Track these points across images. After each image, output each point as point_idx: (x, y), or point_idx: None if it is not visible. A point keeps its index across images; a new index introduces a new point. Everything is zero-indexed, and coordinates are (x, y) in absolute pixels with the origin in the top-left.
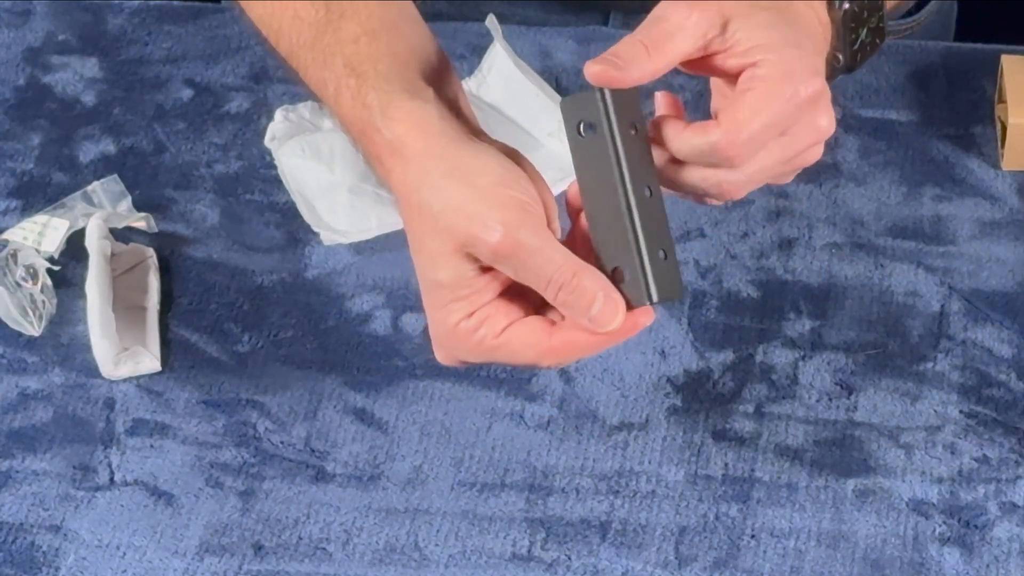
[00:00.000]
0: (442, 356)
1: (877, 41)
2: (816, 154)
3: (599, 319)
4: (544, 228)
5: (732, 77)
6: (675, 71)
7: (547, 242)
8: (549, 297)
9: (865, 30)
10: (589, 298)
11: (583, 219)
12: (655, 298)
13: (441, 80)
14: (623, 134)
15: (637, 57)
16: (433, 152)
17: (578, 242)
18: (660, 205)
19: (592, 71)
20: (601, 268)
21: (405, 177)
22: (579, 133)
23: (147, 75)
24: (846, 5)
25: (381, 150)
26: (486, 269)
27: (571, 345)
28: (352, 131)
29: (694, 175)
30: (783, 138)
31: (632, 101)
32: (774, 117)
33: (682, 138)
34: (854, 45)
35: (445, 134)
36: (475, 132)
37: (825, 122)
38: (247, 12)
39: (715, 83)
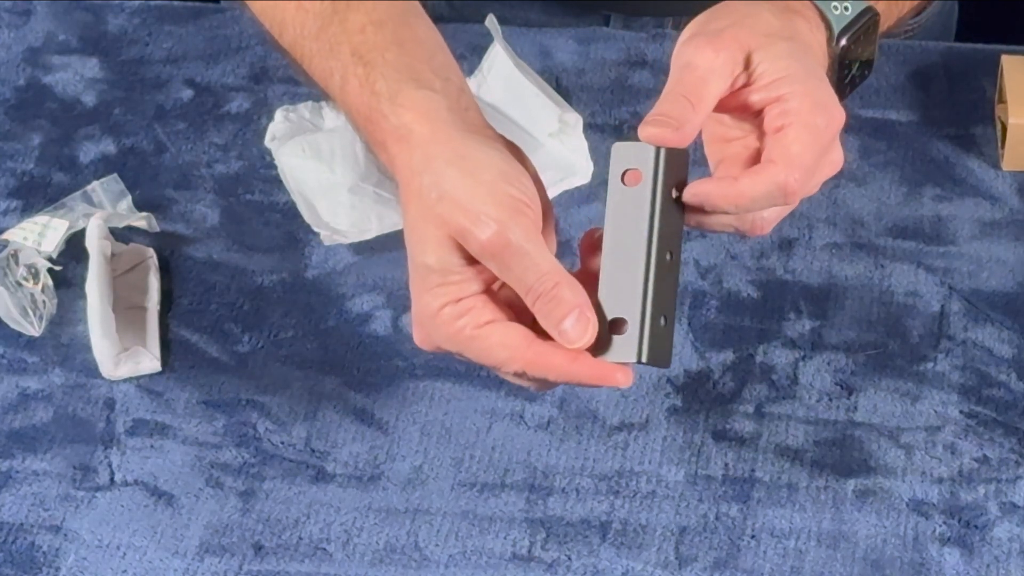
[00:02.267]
0: (419, 337)
1: (866, 73)
2: (817, 187)
3: (568, 333)
4: (536, 232)
5: (754, 114)
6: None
7: (536, 247)
8: (528, 302)
9: (857, 64)
10: (564, 311)
11: (592, 263)
12: (644, 359)
13: (447, 72)
14: (665, 194)
15: (686, 113)
16: (439, 139)
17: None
18: (676, 272)
19: (649, 133)
20: (601, 312)
21: (410, 161)
22: (622, 181)
23: (147, 75)
24: (843, 41)
25: (387, 136)
26: (474, 261)
27: (545, 362)
28: (358, 118)
29: (727, 219)
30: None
31: (682, 163)
32: (820, 148)
33: (745, 186)
34: (845, 79)
35: (452, 124)
36: (481, 125)
37: (839, 156)
38: (249, 5)
39: (708, 132)
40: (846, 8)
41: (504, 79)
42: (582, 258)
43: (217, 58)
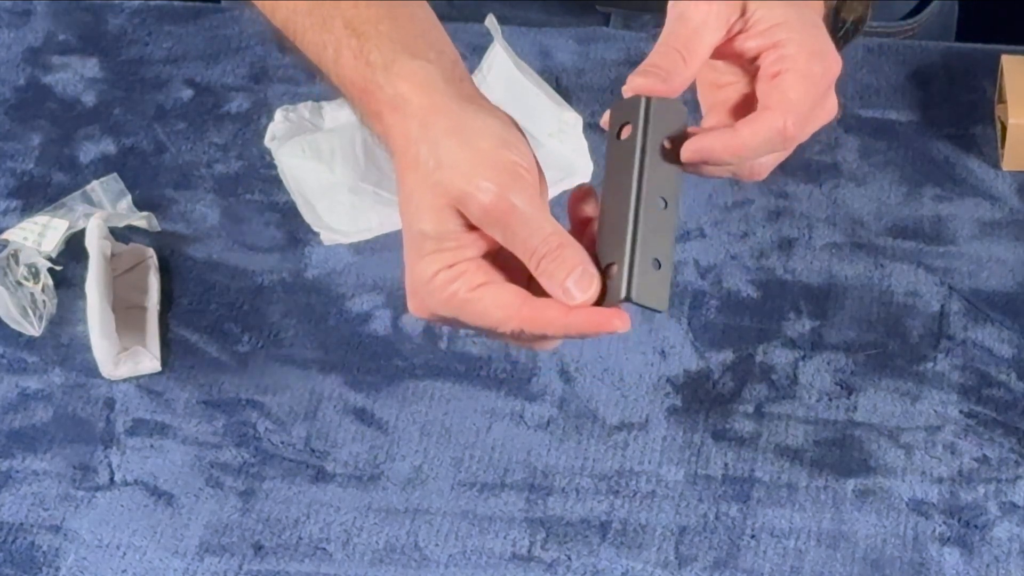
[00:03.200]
0: (414, 305)
1: (859, 28)
2: (810, 134)
3: (571, 291)
4: (536, 196)
5: (749, 60)
6: None
7: (538, 210)
8: (531, 266)
9: (850, 21)
10: (568, 268)
11: (578, 217)
12: (633, 296)
13: (441, 45)
14: (653, 142)
15: (676, 65)
16: (436, 108)
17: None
18: (671, 220)
19: (636, 83)
20: (596, 263)
21: (406, 130)
22: (617, 137)
23: (147, 75)
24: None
25: (382, 106)
26: (472, 228)
27: (541, 316)
28: (352, 90)
29: (725, 167)
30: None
31: (675, 114)
32: (817, 95)
33: (745, 136)
34: (839, 32)
35: (448, 93)
36: (476, 95)
37: (834, 104)
38: None
39: (701, 77)
40: None
41: (504, 79)
42: (569, 209)
43: (217, 58)
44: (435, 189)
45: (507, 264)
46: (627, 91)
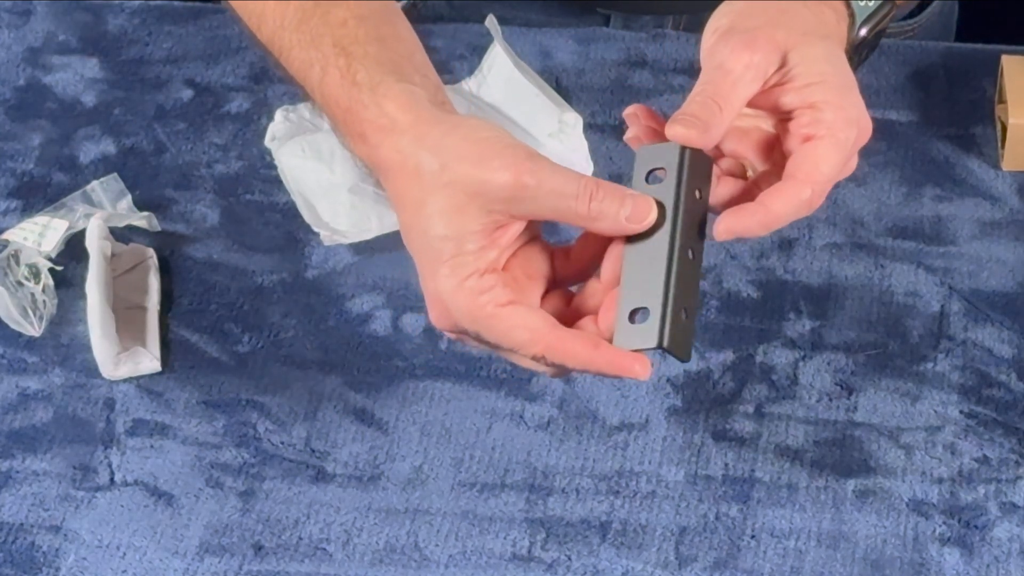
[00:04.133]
0: (436, 314)
1: (870, 54)
2: None
3: (634, 215)
4: (552, 162)
5: (782, 111)
6: (671, 70)
7: (557, 167)
8: (576, 215)
9: (866, 50)
10: (619, 197)
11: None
12: (665, 343)
13: (425, 70)
14: (688, 192)
15: (714, 116)
16: (426, 122)
17: (586, 249)
18: (697, 271)
19: (675, 132)
20: (623, 305)
21: (398, 146)
22: (646, 180)
23: (147, 75)
24: (863, 32)
25: (367, 127)
26: (488, 231)
27: (565, 347)
28: (336, 110)
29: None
30: None
31: (706, 166)
32: (844, 162)
33: (778, 208)
34: (854, 63)
35: (433, 112)
36: (459, 117)
37: (855, 163)
38: (230, 1)
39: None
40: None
41: (504, 79)
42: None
43: (217, 58)
44: (447, 190)
45: (521, 285)
46: (669, 136)
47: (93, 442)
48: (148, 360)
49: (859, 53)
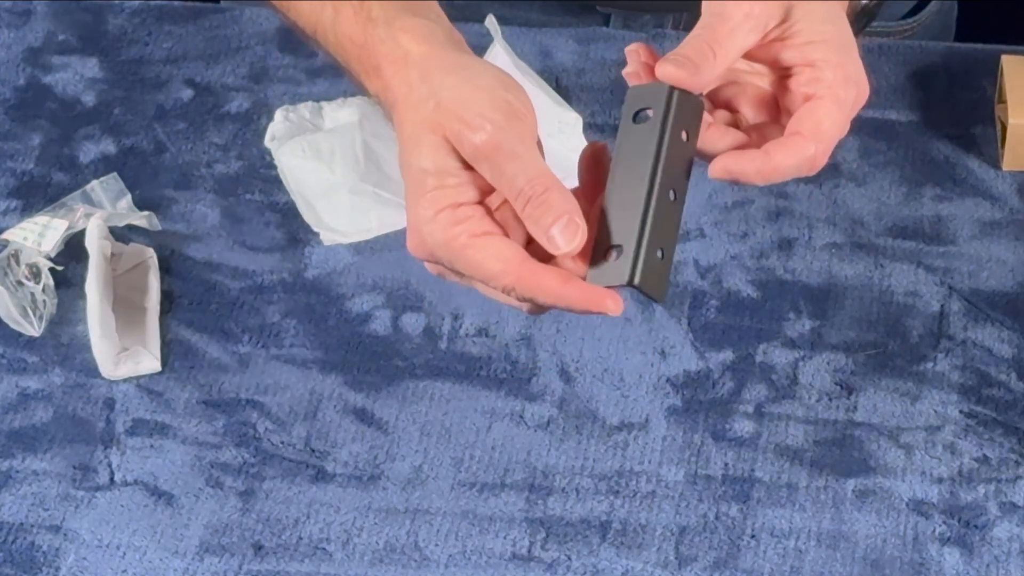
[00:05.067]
0: (413, 244)
1: (870, 21)
2: None
3: (556, 239)
4: (530, 139)
5: (781, 67)
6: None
7: (528, 152)
8: (518, 208)
9: (866, 17)
10: (554, 216)
11: (590, 177)
12: (636, 280)
13: (438, 11)
14: (673, 133)
15: (706, 60)
16: (437, 55)
17: (579, 203)
18: (678, 212)
19: (665, 71)
20: (599, 242)
21: (407, 78)
22: (633, 120)
23: (147, 75)
24: (864, 1)
25: (382, 59)
26: (470, 166)
27: (536, 280)
28: (350, 47)
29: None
30: None
31: (696, 109)
32: (845, 122)
33: (779, 160)
34: (855, 28)
35: (449, 45)
36: (473, 54)
37: (848, 124)
38: None
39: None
40: None
41: None
42: (580, 171)
43: (217, 58)
44: (433, 127)
45: (509, 222)
46: (658, 75)
47: (93, 442)
48: (148, 360)
49: (859, 20)
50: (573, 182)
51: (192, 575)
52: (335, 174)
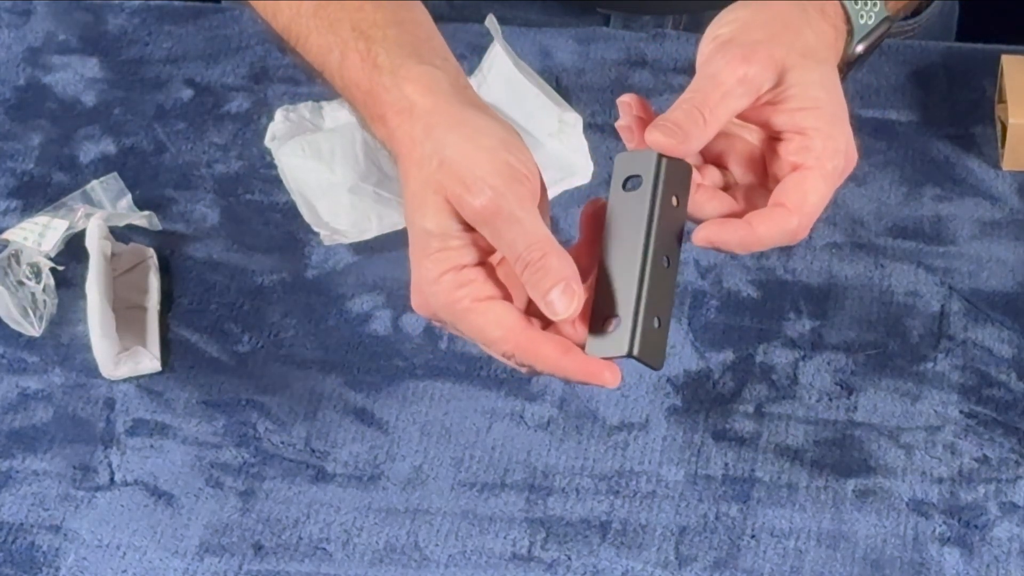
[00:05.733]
0: (417, 303)
1: (861, 66)
2: None
3: (554, 304)
4: (532, 202)
5: (771, 130)
6: (671, 70)
7: (528, 216)
8: (518, 271)
9: (857, 63)
10: (551, 281)
11: (591, 233)
12: (635, 352)
13: (445, 53)
14: (664, 199)
15: (696, 126)
16: (441, 110)
17: (580, 259)
18: (672, 278)
19: (653, 139)
20: (597, 309)
21: (412, 132)
22: (623, 187)
23: (147, 75)
24: (859, 49)
25: (387, 109)
26: (472, 228)
27: (536, 349)
28: (356, 93)
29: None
30: None
31: (684, 174)
32: (830, 194)
33: (762, 231)
34: (843, 74)
35: (452, 97)
36: (479, 102)
37: (832, 195)
38: None
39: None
40: (870, 16)
41: (504, 79)
42: (581, 227)
43: (217, 58)
44: (436, 187)
45: (511, 279)
46: (648, 142)
47: (93, 442)
48: (148, 360)
49: (851, 67)
50: (574, 181)
51: (192, 575)
52: (335, 174)
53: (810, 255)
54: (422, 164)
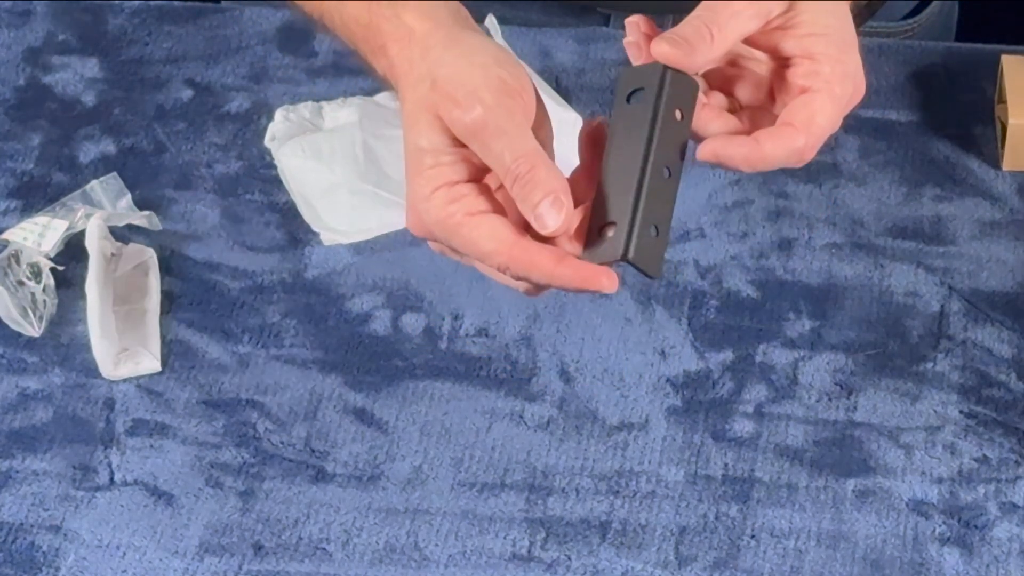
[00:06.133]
0: (412, 222)
1: (869, 18)
2: None
3: (543, 217)
4: (523, 118)
5: (780, 56)
6: None
7: (517, 130)
8: (507, 185)
9: (868, 13)
10: (541, 194)
11: (590, 154)
12: (630, 255)
13: None
14: (667, 112)
15: (703, 42)
16: (438, 31)
17: (580, 183)
18: (673, 190)
19: (660, 50)
20: (594, 220)
21: (410, 58)
22: (627, 100)
23: (147, 75)
24: None
25: (387, 39)
26: (463, 145)
27: (530, 259)
28: (356, 28)
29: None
30: None
31: (690, 90)
32: (838, 119)
33: (768, 148)
34: (858, 19)
35: (451, 20)
36: (478, 29)
37: (840, 121)
38: None
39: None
40: None
41: None
42: (580, 150)
43: (217, 58)
44: (428, 106)
45: (509, 202)
46: (654, 54)
47: (93, 442)
48: (148, 360)
49: (862, 14)
50: None
51: (192, 575)
52: (335, 174)
53: (810, 255)
54: (417, 85)
